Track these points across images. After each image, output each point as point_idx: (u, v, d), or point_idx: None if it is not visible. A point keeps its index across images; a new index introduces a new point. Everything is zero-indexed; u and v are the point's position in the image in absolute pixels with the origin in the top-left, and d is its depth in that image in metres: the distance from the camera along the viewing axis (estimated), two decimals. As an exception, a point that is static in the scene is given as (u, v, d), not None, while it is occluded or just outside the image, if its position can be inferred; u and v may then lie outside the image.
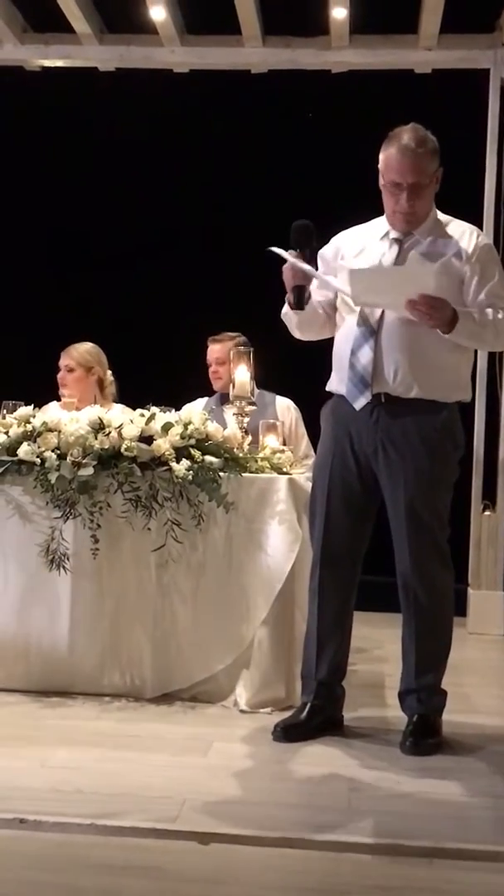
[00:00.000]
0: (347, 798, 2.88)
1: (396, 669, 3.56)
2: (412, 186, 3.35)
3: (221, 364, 4.85)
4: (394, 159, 3.35)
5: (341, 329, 3.50)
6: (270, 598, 3.78)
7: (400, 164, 3.34)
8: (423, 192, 3.38)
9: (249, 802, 2.85)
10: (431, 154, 3.37)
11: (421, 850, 2.52)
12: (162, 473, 3.81)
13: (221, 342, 4.88)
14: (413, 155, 3.33)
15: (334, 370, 3.51)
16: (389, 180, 3.38)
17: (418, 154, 3.33)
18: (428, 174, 3.38)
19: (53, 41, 6.01)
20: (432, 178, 3.40)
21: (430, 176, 3.38)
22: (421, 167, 3.35)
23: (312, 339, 3.62)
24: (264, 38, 5.83)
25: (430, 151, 3.37)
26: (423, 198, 3.39)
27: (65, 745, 3.27)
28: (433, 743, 3.35)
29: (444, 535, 3.45)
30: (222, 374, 4.85)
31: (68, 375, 4.83)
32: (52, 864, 2.39)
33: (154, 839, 2.54)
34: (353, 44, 5.78)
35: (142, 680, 3.85)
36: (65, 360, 4.85)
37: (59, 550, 3.80)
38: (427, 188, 3.39)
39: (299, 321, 3.52)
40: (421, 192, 3.37)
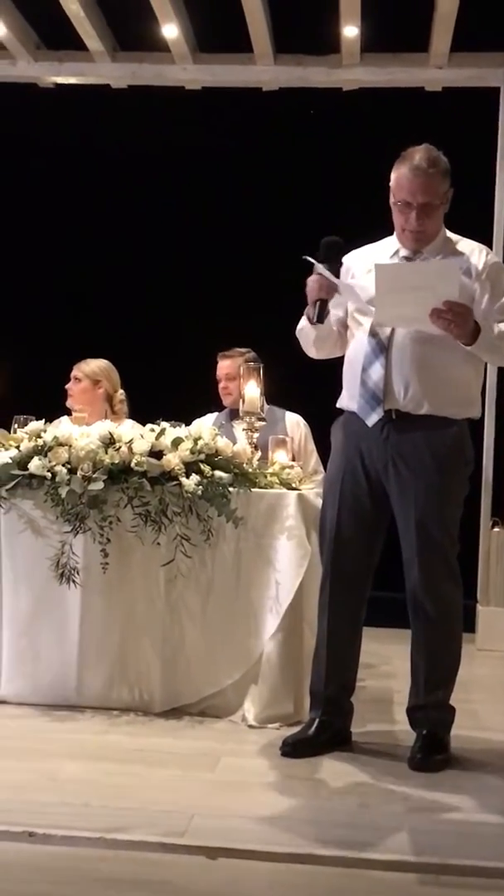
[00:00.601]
0: (356, 814, 2.89)
1: (405, 685, 3.57)
2: (422, 206, 3.37)
3: (231, 380, 4.87)
4: (405, 178, 3.37)
5: (352, 346, 3.51)
6: (279, 613, 3.79)
7: (411, 184, 3.36)
8: (433, 211, 3.40)
9: (258, 817, 2.85)
10: (442, 175, 3.40)
11: (429, 867, 2.52)
12: (172, 488, 3.82)
13: (231, 358, 4.91)
14: (424, 175, 3.35)
15: (345, 387, 3.53)
16: (400, 199, 3.40)
17: (429, 174, 3.36)
18: (438, 194, 3.40)
19: (67, 58, 6.06)
20: (442, 198, 3.42)
21: (440, 196, 3.40)
22: (431, 187, 3.37)
23: (325, 358, 3.64)
24: (276, 56, 5.87)
25: (442, 172, 3.39)
26: (432, 217, 3.41)
27: (73, 759, 3.28)
28: (441, 759, 3.35)
29: (454, 551, 3.45)
30: (232, 389, 4.87)
31: (74, 385, 4.89)
32: (60, 878, 2.40)
33: (162, 853, 2.55)
34: (364, 62, 5.81)
35: (150, 694, 3.85)
36: (74, 371, 4.91)
37: (69, 564, 3.81)
38: (437, 208, 3.41)
39: (317, 337, 3.53)
40: (431, 211, 3.39)
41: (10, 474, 3.86)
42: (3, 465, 3.87)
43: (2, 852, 2.52)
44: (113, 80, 6.14)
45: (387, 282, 3.26)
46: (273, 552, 3.85)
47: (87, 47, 5.90)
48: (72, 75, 6.12)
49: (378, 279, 3.27)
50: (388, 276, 3.28)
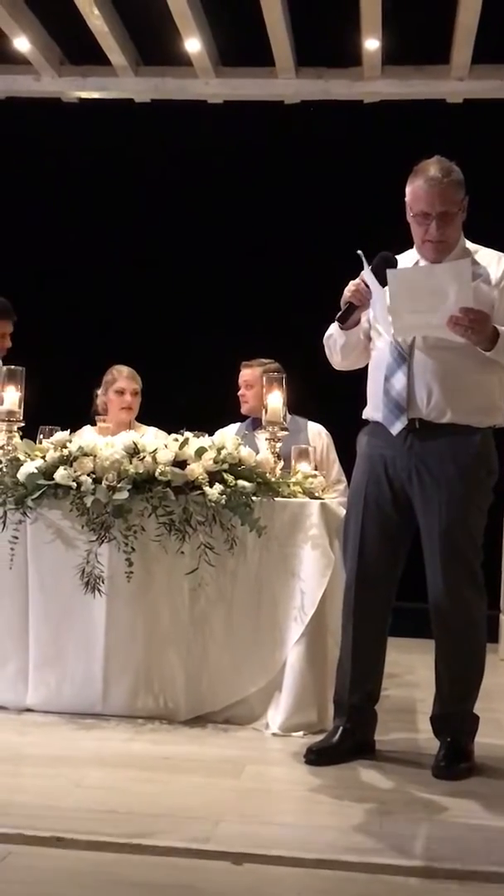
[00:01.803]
0: (380, 821, 2.90)
1: (428, 694, 3.58)
2: (441, 215, 3.40)
3: (249, 388, 4.91)
4: (421, 190, 3.40)
5: (375, 356, 3.54)
6: (303, 622, 3.81)
7: (428, 195, 3.39)
8: (452, 220, 3.43)
9: (282, 824, 2.87)
10: (457, 184, 3.43)
11: (452, 873, 2.53)
12: (195, 497, 3.85)
13: (251, 367, 4.95)
14: (440, 185, 3.38)
15: (369, 397, 3.55)
16: (418, 211, 3.42)
17: (445, 184, 3.39)
18: (455, 203, 3.42)
19: (90, 73, 6.13)
20: (459, 206, 3.45)
21: (457, 204, 3.43)
22: (448, 196, 3.40)
23: (349, 368, 3.66)
24: (297, 70, 5.92)
25: (456, 181, 3.42)
26: (452, 226, 3.44)
27: (99, 767, 3.31)
28: (465, 767, 3.36)
29: (478, 560, 3.46)
30: (249, 397, 4.92)
31: (135, 400, 4.94)
32: (88, 882, 2.42)
33: (188, 858, 2.57)
34: (386, 74, 5.85)
35: (175, 703, 3.88)
36: (132, 385, 4.96)
37: (95, 573, 3.84)
38: (455, 216, 3.44)
39: (345, 343, 3.55)
40: (450, 220, 3.42)
41: (36, 484, 3.90)
42: (30, 475, 3.91)
43: (30, 857, 2.55)
44: (136, 95, 6.20)
45: (401, 289, 3.29)
46: (296, 561, 3.87)
47: (111, 62, 5.96)
48: (95, 90, 6.19)
49: (392, 287, 3.30)
50: (402, 283, 3.31)
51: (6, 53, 5.97)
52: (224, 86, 6.04)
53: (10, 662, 3.97)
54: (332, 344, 3.62)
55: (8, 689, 3.95)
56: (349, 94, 5.95)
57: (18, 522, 3.91)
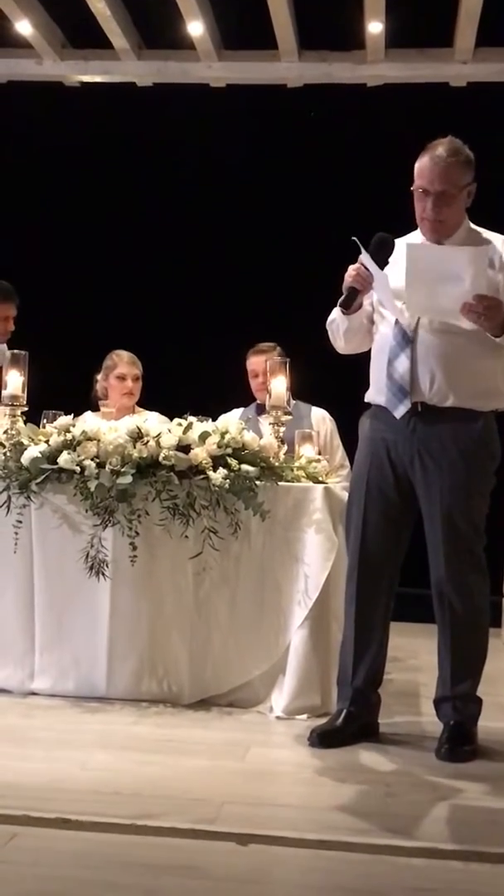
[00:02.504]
0: (383, 802, 2.91)
1: (431, 679, 3.59)
2: (439, 194, 3.38)
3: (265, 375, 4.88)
4: (425, 167, 3.40)
5: (377, 339, 3.54)
6: (307, 606, 3.82)
7: (430, 172, 3.38)
8: (451, 202, 3.40)
9: (287, 805, 2.89)
10: (463, 165, 3.41)
11: (457, 853, 2.54)
12: (199, 482, 3.86)
13: (265, 353, 4.90)
14: (443, 163, 3.37)
15: (372, 381, 3.55)
16: (419, 186, 3.42)
17: (448, 163, 3.37)
18: (457, 184, 3.40)
19: (92, 57, 6.11)
20: (462, 189, 3.42)
21: (459, 187, 3.40)
22: (449, 176, 3.38)
23: (352, 352, 3.66)
24: (300, 53, 5.89)
25: (462, 163, 3.40)
26: (451, 207, 3.41)
27: (104, 749, 3.32)
28: (469, 750, 3.37)
29: (480, 544, 3.46)
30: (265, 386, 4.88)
31: (136, 385, 4.94)
32: (94, 863, 2.44)
33: (193, 840, 2.58)
34: (389, 58, 5.83)
35: (179, 686, 3.89)
36: (133, 370, 4.95)
37: (99, 557, 3.85)
38: (455, 199, 3.41)
39: (347, 328, 3.55)
40: (449, 201, 3.39)
41: (39, 468, 3.91)
42: (34, 460, 3.91)
43: (36, 838, 2.56)
44: (138, 78, 6.18)
45: (417, 265, 3.27)
46: (300, 545, 3.88)
47: (113, 45, 5.94)
48: (97, 73, 6.17)
49: (409, 260, 3.27)
50: (419, 259, 3.28)
51: (8, 37, 5.95)
52: (227, 69, 6.03)
53: (15, 646, 3.98)
54: (335, 329, 3.62)
55: (13, 672, 3.97)
56: (352, 77, 5.93)
57: (22, 507, 3.93)
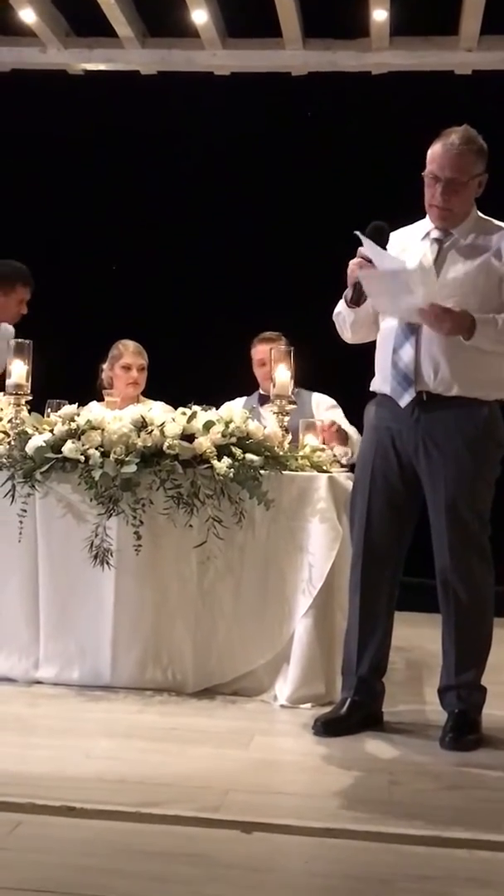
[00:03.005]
0: (388, 791, 2.91)
1: (435, 668, 3.59)
2: (449, 181, 3.38)
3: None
4: (437, 153, 3.39)
5: (383, 328, 3.53)
6: (311, 595, 3.82)
7: (441, 158, 3.38)
8: (461, 189, 3.40)
9: (291, 793, 2.89)
10: (475, 154, 3.40)
11: (461, 841, 2.54)
12: (203, 471, 3.86)
13: (272, 341, 4.89)
14: (455, 151, 3.36)
15: (377, 370, 3.55)
16: (429, 172, 3.41)
17: (460, 150, 3.36)
18: (468, 172, 3.39)
19: (96, 45, 6.10)
20: (473, 178, 3.41)
21: (469, 175, 3.40)
22: (460, 164, 3.37)
23: (359, 342, 3.65)
24: (305, 41, 5.88)
25: (475, 151, 3.39)
26: (460, 195, 3.41)
27: (109, 737, 3.33)
28: (473, 739, 3.37)
29: (485, 533, 3.46)
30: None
31: (142, 375, 4.94)
32: (99, 850, 2.44)
33: (197, 828, 2.58)
34: (394, 45, 5.81)
35: (183, 675, 3.90)
36: (138, 360, 4.96)
37: (103, 547, 3.85)
38: (465, 187, 3.40)
39: (354, 321, 3.56)
40: (458, 189, 3.39)
41: (44, 457, 3.90)
42: (38, 449, 3.91)
43: (41, 826, 2.57)
44: (142, 67, 6.16)
45: (373, 288, 3.34)
46: (304, 534, 3.87)
47: (117, 34, 5.92)
48: (101, 62, 6.16)
49: (366, 286, 3.35)
50: (373, 283, 3.34)
51: (12, 25, 5.93)
52: (231, 57, 6.01)
53: (19, 635, 3.99)
54: (341, 321, 3.62)
55: (18, 661, 3.98)
56: (357, 65, 5.92)
57: (27, 496, 3.92)
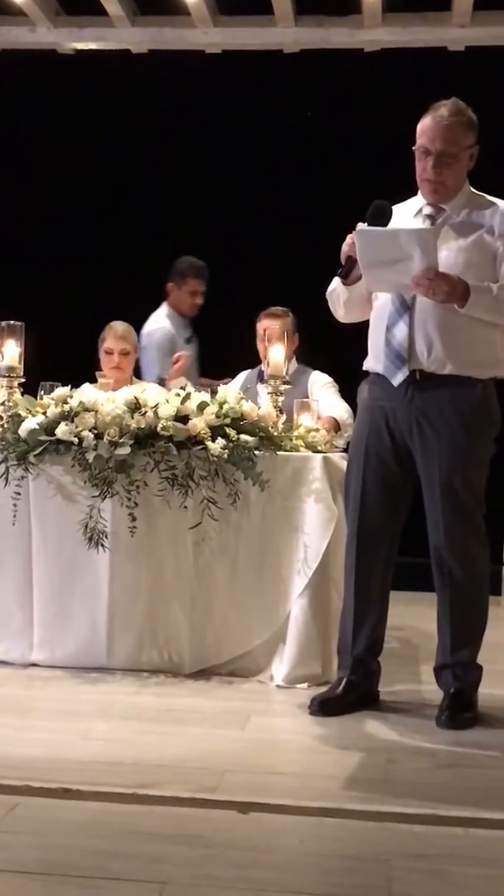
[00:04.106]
0: (384, 770, 2.92)
1: (431, 646, 3.59)
2: (439, 154, 3.35)
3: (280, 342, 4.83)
4: (427, 126, 3.38)
5: (376, 307, 3.51)
6: (306, 575, 3.82)
7: (431, 131, 3.36)
8: (452, 162, 3.37)
9: (288, 773, 2.90)
10: (465, 126, 3.38)
11: (458, 820, 2.55)
12: (198, 452, 3.85)
13: (279, 317, 4.84)
14: (445, 122, 3.35)
15: (370, 348, 3.53)
16: (420, 145, 3.39)
17: (450, 122, 3.35)
18: (459, 145, 3.37)
19: (86, 24, 6.04)
20: (464, 150, 3.39)
21: (460, 147, 3.38)
22: (450, 136, 3.35)
23: (353, 321, 3.63)
24: (296, 18, 5.83)
25: (464, 123, 3.38)
26: (451, 168, 3.38)
27: (105, 719, 3.33)
28: (469, 717, 3.38)
29: (480, 511, 3.46)
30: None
31: (124, 360, 4.89)
32: (96, 832, 2.44)
33: (194, 808, 2.59)
34: (386, 22, 5.77)
35: (179, 656, 3.90)
36: (121, 345, 4.90)
37: (98, 528, 3.85)
38: (456, 160, 3.38)
39: (347, 299, 3.53)
40: (449, 162, 3.37)
41: (37, 440, 3.89)
42: (31, 431, 3.90)
43: (38, 808, 2.57)
44: (133, 45, 6.11)
45: (367, 247, 3.27)
46: (300, 515, 3.87)
47: (107, 12, 5.87)
48: (92, 41, 6.10)
49: (359, 245, 3.27)
50: (368, 241, 3.28)
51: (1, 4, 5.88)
52: (222, 35, 5.96)
53: (15, 617, 3.98)
54: (335, 299, 3.60)
55: (14, 644, 3.98)
56: (349, 42, 5.87)
57: (21, 478, 3.91)
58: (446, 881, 2.27)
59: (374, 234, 3.31)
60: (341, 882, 2.25)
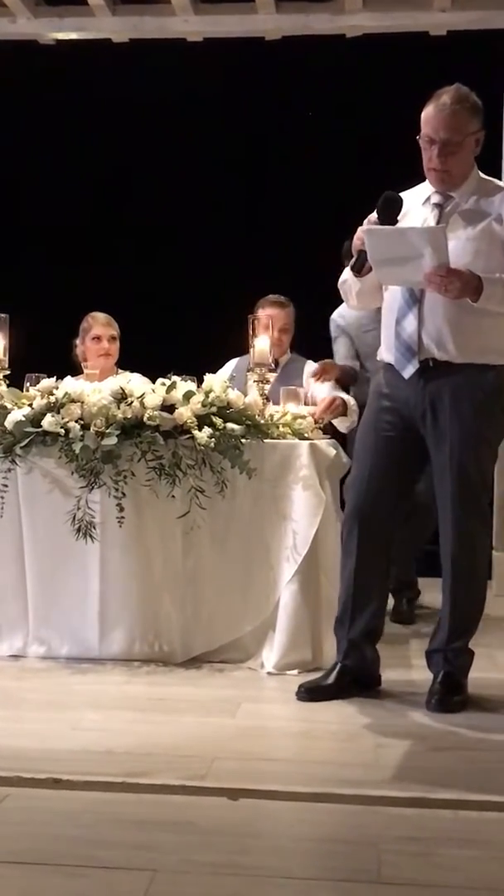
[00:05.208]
0: (374, 754, 2.93)
1: (421, 630, 3.61)
2: (444, 143, 3.33)
3: (284, 332, 4.82)
4: (429, 115, 3.35)
5: (387, 298, 3.48)
6: (295, 562, 3.82)
7: (434, 120, 3.33)
8: (457, 150, 3.35)
9: (278, 759, 2.90)
10: (469, 112, 3.35)
11: (447, 803, 2.56)
12: (184, 441, 3.84)
13: (283, 306, 4.82)
14: (447, 111, 3.32)
15: (382, 338, 3.51)
16: (424, 135, 3.36)
17: (453, 110, 3.32)
18: (462, 132, 3.34)
19: (67, 14, 5.98)
20: (469, 137, 3.36)
21: (464, 134, 3.34)
22: (454, 124, 3.32)
23: (364, 308, 3.62)
24: (278, 5, 5.78)
25: (468, 110, 3.34)
26: (456, 156, 3.35)
27: (95, 709, 3.34)
28: (459, 700, 3.38)
29: (487, 495, 3.46)
30: (284, 341, 4.84)
31: (113, 346, 4.89)
32: (85, 821, 2.45)
33: (184, 796, 2.59)
34: (368, 7, 5.72)
35: (170, 645, 3.90)
36: (109, 331, 4.90)
37: (86, 519, 3.84)
38: (461, 147, 3.35)
39: (359, 290, 3.50)
40: (454, 149, 3.34)
41: (24, 432, 3.89)
42: (17, 423, 3.89)
43: (28, 799, 2.57)
44: (114, 35, 6.06)
45: (379, 248, 3.26)
46: (288, 502, 3.87)
47: (87, 1, 5.83)
48: (72, 31, 6.04)
49: (369, 244, 3.27)
50: (379, 243, 3.27)
51: (-20, -4, 5.84)
52: (203, 23, 5.91)
53: (7, 610, 3.99)
54: (347, 289, 3.58)
55: (5, 635, 3.98)
56: (331, 28, 5.82)
57: (7, 471, 3.91)
58: (436, 864, 2.27)
59: (383, 232, 3.30)
60: (332, 866, 2.26)
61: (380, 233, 3.29)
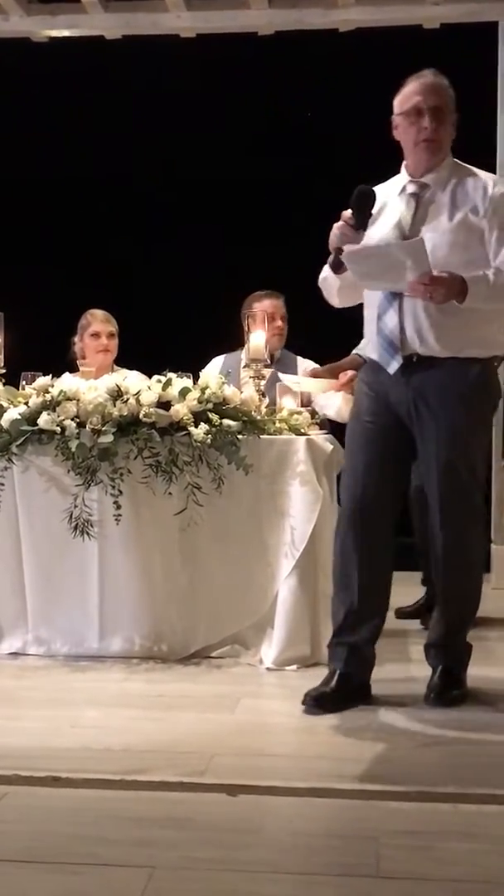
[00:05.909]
0: (373, 749, 2.92)
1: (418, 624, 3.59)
2: (434, 110, 3.33)
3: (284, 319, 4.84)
4: (414, 89, 3.35)
5: (367, 294, 3.45)
6: (293, 557, 3.82)
7: (420, 89, 3.34)
8: (445, 119, 3.35)
9: (277, 755, 2.90)
10: (450, 92, 3.37)
11: (447, 796, 2.56)
12: (181, 438, 3.84)
13: (279, 298, 4.83)
14: (432, 80, 3.34)
15: (365, 334, 3.50)
16: (410, 108, 3.34)
17: (438, 81, 3.35)
18: (448, 102, 3.36)
19: (59, 11, 5.98)
20: (452, 110, 3.37)
21: (449, 105, 3.36)
22: (440, 91, 3.34)
23: (347, 306, 3.59)
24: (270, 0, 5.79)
25: (449, 89, 3.37)
26: (444, 126, 3.36)
27: (94, 706, 3.34)
28: (457, 694, 3.37)
29: (480, 491, 3.41)
30: (283, 329, 4.85)
31: (112, 342, 4.90)
32: (85, 818, 2.45)
33: (183, 792, 2.59)
34: (360, 1, 5.72)
35: (169, 642, 3.90)
36: (108, 327, 4.92)
37: (83, 517, 3.84)
38: (447, 117, 3.36)
39: (340, 287, 3.47)
40: (443, 118, 3.34)
41: (20, 430, 3.88)
42: (13, 422, 3.89)
43: (27, 797, 2.58)
44: (106, 31, 6.06)
45: (359, 267, 3.26)
46: (285, 498, 3.87)
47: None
48: (65, 28, 6.04)
49: (351, 267, 3.26)
50: (359, 262, 3.25)
51: (-28, -6, 5.82)
52: (196, 19, 5.90)
53: (6, 608, 3.99)
54: (327, 287, 3.55)
55: (4, 634, 3.98)
56: (324, 22, 5.81)
57: (4, 469, 3.91)
58: (435, 857, 2.28)
59: (362, 253, 3.28)
60: (331, 861, 2.26)
61: (359, 254, 3.27)
